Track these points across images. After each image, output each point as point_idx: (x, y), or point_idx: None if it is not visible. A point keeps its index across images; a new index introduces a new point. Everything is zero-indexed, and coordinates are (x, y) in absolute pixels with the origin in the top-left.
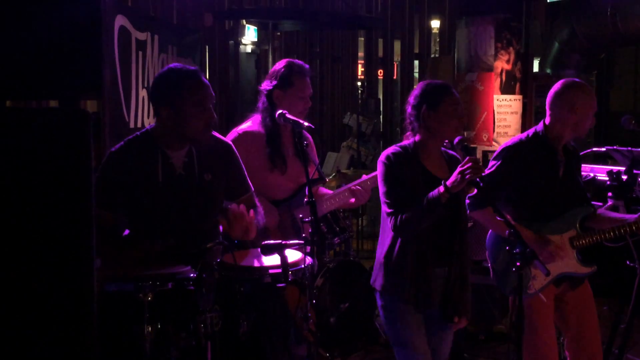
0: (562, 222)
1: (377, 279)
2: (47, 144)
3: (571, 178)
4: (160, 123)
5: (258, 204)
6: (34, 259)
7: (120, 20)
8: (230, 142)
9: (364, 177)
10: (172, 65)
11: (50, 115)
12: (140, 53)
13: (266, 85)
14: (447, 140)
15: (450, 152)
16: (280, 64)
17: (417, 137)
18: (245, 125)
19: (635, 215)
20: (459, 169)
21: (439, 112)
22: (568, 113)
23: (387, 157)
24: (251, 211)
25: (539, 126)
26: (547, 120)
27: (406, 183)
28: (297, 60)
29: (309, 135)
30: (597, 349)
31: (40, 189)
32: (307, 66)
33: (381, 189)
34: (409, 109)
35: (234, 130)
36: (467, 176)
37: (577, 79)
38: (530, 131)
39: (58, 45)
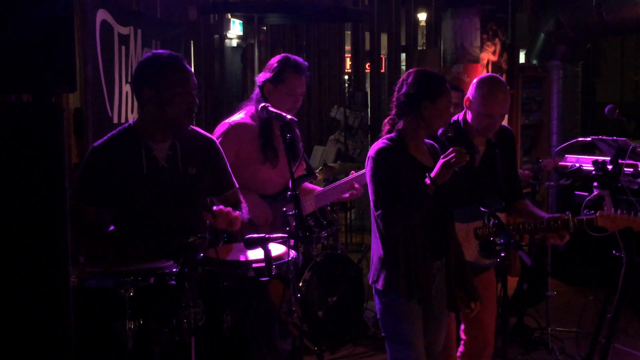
0: (471, 211)
1: (380, 278)
2: (19, 138)
3: (490, 169)
4: (143, 111)
5: (242, 200)
6: (6, 255)
7: (102, 15)
8: (214, 138)
9: (353, 173)
10: (155, 51)
11: (22, 109)
12: (123, 48)
13: (260, 76)
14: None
15: (428, 141)
16: (276, 58)
17: (401, 125)
18: (238, 117)
19: (546, 215)
20: (442, 160)
21: (437, 104)
22: (466, 106)
23: (378, 153)
24: (236, 213)
25: (461, 115)
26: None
27: (398, 177)
28: (295, 57)
29: (296, 130)
30: (491, 336)
31: (12, 183)
32: (305, 64)
33: (372, 186)
34: (403, 91)
35: (226, 121)
36: (453, 166)
37: (491, 75)
38: (453, 119)
39: (31, 38)
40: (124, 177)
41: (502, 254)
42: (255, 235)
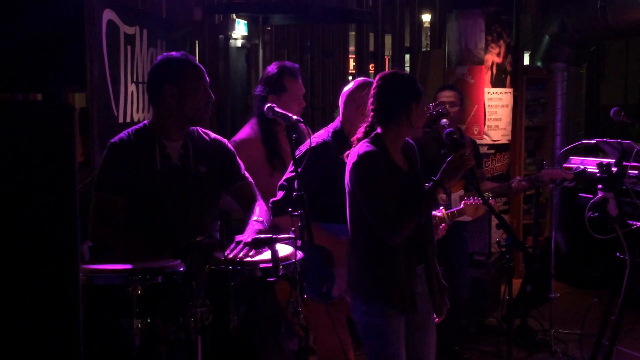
0: None
1: (362, 285)
2: (31, 137)
3: None
4: (161, 109)
5: (259, 196)
6: (17, 253)
7: (108, 15)
8: (224, 140)
9: None
10: (166, 53)
11: (34, 108)
12: (129, 47)
13: (260, 91)
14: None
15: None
16: (272, 69)
17: (380, 130)
18: (243, 134)
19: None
20: (448, 163)
21: (421, 105)
22: (354, 112)
23: (365, 158)
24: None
25: (337, 124)
26: (340, 118)
27: (387, 184)
28: (287, 63)
29: (303, 127)
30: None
31: (23, 181)
32: (297, 66)
33: (365, 195)
34: (387, 96)
35: (232, 140)
36: (463, 168)
37: (370, 79)
38: (330, 129)
39: (41, 37)
40: (139, 174)
41: (507, 256)
42: (263, 236)
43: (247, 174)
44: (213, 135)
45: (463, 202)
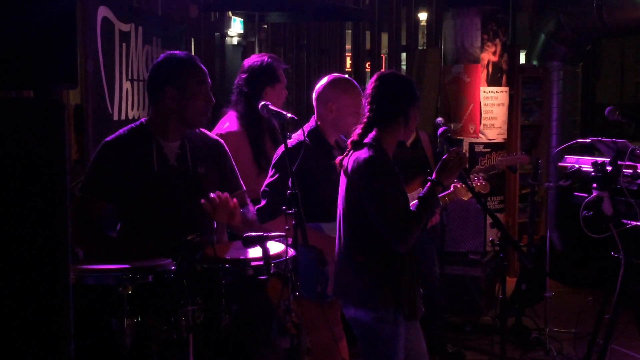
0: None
1: (371, 293)
2: (22, 134)
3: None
4: (159, 109)
5: (249, 203)
6: (7, 251)
7: (103, 12)
8: (222, 141)
9: None
10: (169, 52)
11: (24, 105)
12: (124, 45)
13: (254, 83)
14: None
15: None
16: (263, 60)
17: (375, 134)
18: (226, 126)
19: None
20: (444, 162)
21: (416, 107)
22: (324, 110)
23: (374, 164)
24: (234, 200)
25: (312, 123)
26: (315, 116)
27: (396, 189)
28: (270, 54)
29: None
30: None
31: (13, 179)
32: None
33: (376, 202)
34: (384, 98)
35: (215, 131)
36: (461, 166)
37: (340, 75)
38: (305, 129)
39: (33, 34)
40: (135, 174)
41: (501, 255)
42: (254, 234)
43: (241, 182)
44: (210, 135)
45: (452, 185)
